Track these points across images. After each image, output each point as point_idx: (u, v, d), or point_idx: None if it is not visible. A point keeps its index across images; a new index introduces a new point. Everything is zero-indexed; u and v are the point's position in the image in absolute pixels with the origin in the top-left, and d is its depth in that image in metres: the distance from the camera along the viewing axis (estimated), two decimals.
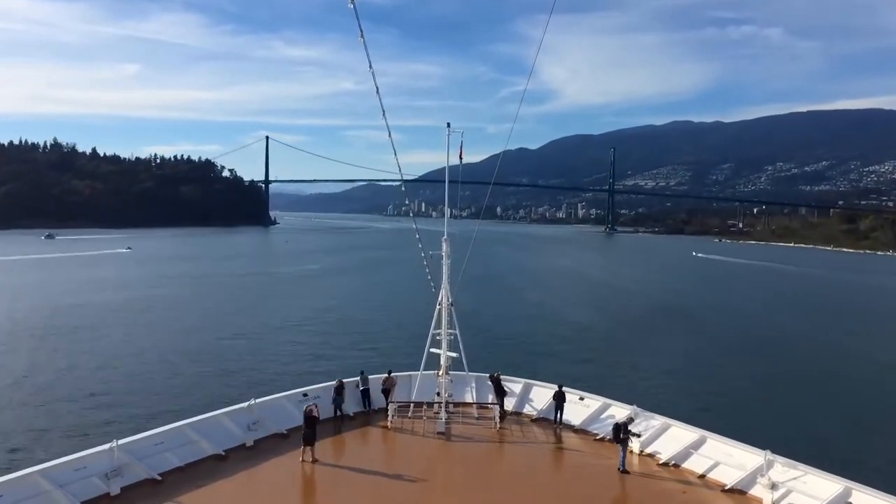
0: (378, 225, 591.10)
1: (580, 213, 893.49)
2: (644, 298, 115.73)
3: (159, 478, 19.40)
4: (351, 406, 25.98)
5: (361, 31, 19.17)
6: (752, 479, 19.41)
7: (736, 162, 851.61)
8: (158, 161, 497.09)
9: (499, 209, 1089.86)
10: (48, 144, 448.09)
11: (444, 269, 25.82)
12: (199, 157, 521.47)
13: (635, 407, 23.64)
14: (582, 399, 25.69)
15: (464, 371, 26.51)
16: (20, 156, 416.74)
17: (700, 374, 58.82)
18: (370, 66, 20.49)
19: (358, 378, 26.66)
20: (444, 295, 25.54)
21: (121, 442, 19.17)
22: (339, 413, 25.36)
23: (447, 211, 27.71)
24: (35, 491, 17.04)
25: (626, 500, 19.88)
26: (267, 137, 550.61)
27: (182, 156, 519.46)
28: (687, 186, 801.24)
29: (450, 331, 25.66)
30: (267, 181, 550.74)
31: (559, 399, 25.18)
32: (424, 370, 26.26)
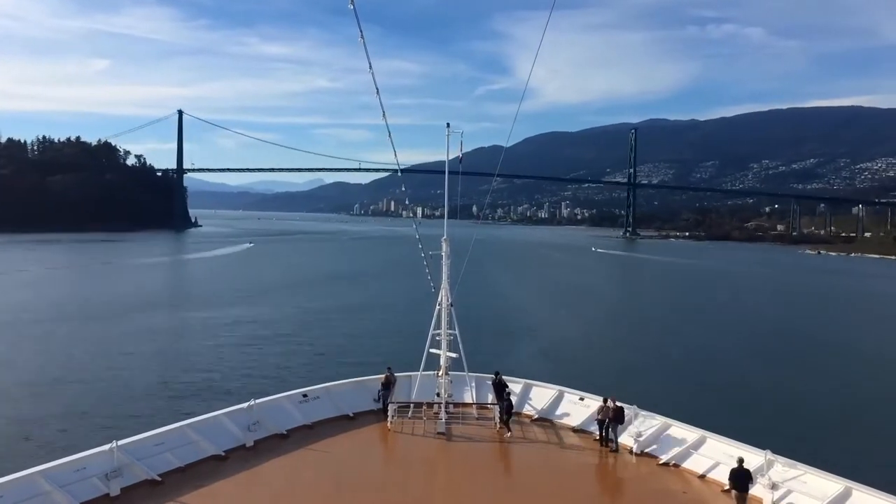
0: (342, 227, 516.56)
1: (564, 212, 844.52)
2: None
3: (159, 478, 19.49)
4: (351, 406, 26.15)
5: (361, 32, 19.77)
6: None
7: (719, 159, 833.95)
8: (45, 144, 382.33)
9: (474, 208, 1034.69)
10: None
11: (444, 270, 26.16)
12: (99, 140, 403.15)
13: (635, 407, 23.85)
14: (582, 399, 25.90)
15: (463, 371, 26.66)
16: None
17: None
18: (370, 67, 21.15)
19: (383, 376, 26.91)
20: (443, 295, 25.82)
21: (121, 442, 19.25)
22: (385, 407, 25.43)
23: (446, 210, 27.85)
24: (35, 491, 17.17)
25: (627, 499, 20.33)
26: (180, 112, 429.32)
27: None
28: (672, 184, 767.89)
29: (449, 331, 25.86)
30: (181, 170, 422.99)
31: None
32: (424, 370, 26.44)
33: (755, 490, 19.38)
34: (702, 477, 21.09)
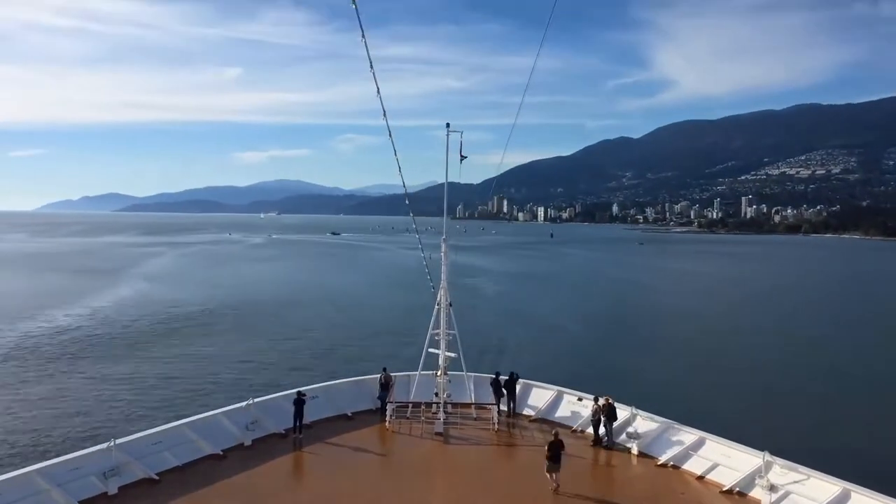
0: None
1: (747, 210, 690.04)
2: None
3: (157, 477, 20.19)
4: (350, 405, 27.36)
5: (363, 32, 19.90)
6: (750, 480, 20.34)
7: None
8: None
9: (615, 207, 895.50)
10: None
11: (443, 270, 26.80)
12: None
13: (633, 408, 24.56)
14: (580, 400, 26.51)
15: (462, 371, 27.33)
16: None
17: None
18: (371, 66, 21.13)
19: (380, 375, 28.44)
20: (442, 295, 26.50)
21: (118, 441, 19.97)
22: (383, 407, 27.02)
23: (445, 213, 27.63)
24: (32, 490, 17.76)
25: (625, 500, 20.76)
26: None
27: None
28: (858, 174, 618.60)
29: (448, 331, 26.52)
30: None
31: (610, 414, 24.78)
32: (423, 370, 27.26)
33: (754, 492, 19.94)
34: (700, 478, 21.54)
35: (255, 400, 24.51)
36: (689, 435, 22.77)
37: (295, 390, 25.79)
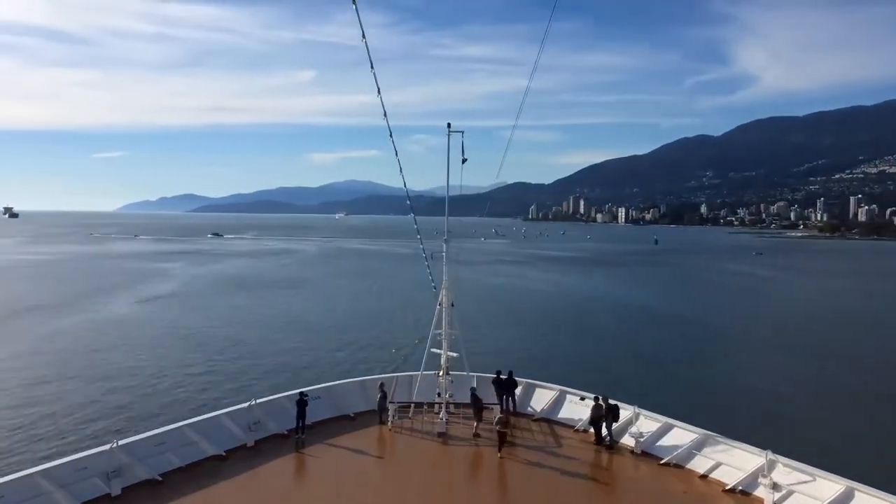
0: None
1: (858, 210, 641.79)
2: None
3: (160, 478, 20.45)
4: (351, 406, 27.70)
5: (363, 32, 19.22)
6: (753, 479, 20.28)
7: None
8: None
9: (703, 208, 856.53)
10: None
11: (445, 270, 27.13)
12: None
13: (636, 407, 24.48)
14: (583, 399, 26.51)
15: (464, 371, 27.57)
16: None
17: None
18: (371, 66, 20.74)
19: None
20: (444, 295, 26.74)
21: (121, 442, 20.21)
22: (381, 411, 27.49)
23: (447, 213, 27.36)
24: (36, 491, 18.05)
25: (628, 499, 20.91)
26: None
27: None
28: None
29: (451, 331, 26.82)
30: None
31: (611, 412, 24.94)
32: (425, 370, 27.64)
33: (758, 491, 19.86)
34: (703, 477, 21.54)
35: (258, 401, 24.76)
36: (691, 434, 22.75)
37: (297, 391, 25.97)
